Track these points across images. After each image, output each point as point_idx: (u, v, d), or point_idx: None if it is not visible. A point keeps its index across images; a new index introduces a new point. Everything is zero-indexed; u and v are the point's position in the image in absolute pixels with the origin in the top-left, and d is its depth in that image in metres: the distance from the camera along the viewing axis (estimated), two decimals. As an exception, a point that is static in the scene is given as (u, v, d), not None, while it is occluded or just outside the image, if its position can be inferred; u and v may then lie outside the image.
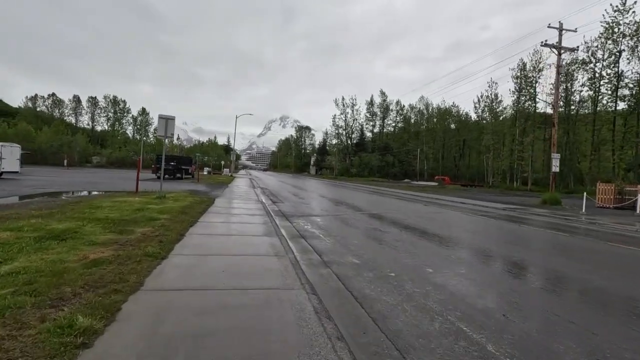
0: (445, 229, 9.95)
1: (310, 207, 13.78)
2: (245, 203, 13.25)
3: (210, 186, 22.55)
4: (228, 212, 10.30)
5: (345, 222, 10.09)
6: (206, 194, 16.26)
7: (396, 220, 11.14)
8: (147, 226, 6.56)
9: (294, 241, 6.82)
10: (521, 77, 55.34)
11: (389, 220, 11.09)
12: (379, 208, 15.03)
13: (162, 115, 11.28)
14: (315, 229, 8.65)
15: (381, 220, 10.89)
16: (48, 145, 60.98)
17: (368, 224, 10.09)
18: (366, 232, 8.64)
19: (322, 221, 10.12)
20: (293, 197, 18.54)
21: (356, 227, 9.40)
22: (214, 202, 12.37)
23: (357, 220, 10.57)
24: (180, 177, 29.44)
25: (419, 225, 10.33)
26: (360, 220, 10.63)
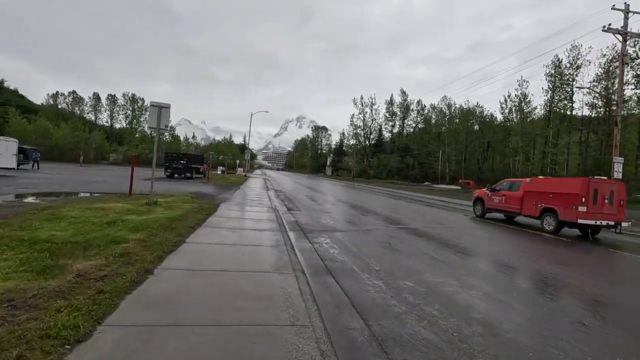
0: (528, 257, 7.45)
1: (332, 217, 11.44)
2: (256, 211, 11.03)
3: (220, 187, 20.53)
4: (231, 224, 8.09)
5: (383, 243, 7.69)
6: (212, 197, 14.16)
7: (448, 241, 8.67)
8: (99, 256, 4.37)
9: (318, 283, 4.50)
10: (555, 74, 51.41)
11: (438, 240, 8.64)
12: (414, 219, 12.56)
13: (155, 103, 9.19)
14: (345, 254, 6.31)
15: (428, 240, 8.44)
16: (65, 142, 60.88)
17: (414, 246, 7.67)
18: (419, 261, 6.23)
19: (351, 240, 7.76)
20: (310, 203, 16.25)
21: (398, 251, 6.99)
22: (217, 210, 10.20)
23: (396, 240, 8.16)
24: (190, 177, 27.66)
25: (483, 250, 7.86)
26: (401, 240, 8.21)
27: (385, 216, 12.66)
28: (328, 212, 12.72)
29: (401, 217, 12.86)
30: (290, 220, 9.98)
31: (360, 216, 12.28)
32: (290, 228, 8.54)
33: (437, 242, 8.24)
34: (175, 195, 12.72)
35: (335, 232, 8.57)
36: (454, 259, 6.58)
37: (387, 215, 12.89)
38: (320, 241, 7.35)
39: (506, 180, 14.58)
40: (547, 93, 53.02)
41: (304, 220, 10.23)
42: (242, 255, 5.35)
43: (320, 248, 6.66)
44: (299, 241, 7.08)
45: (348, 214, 12.82)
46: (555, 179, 14.86)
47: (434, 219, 13.33)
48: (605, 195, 10.72)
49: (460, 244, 8.11)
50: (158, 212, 8.14)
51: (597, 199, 10.56)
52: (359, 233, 8.77)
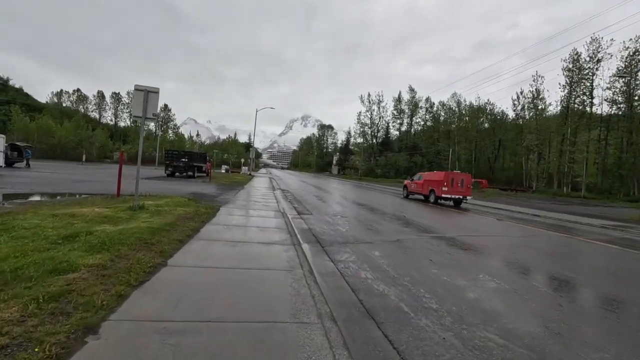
0: (603, 278, 5.79)
1: (349, 223, 9.83)
2: (261, 216, 9.45)
3: (222, 187, 19.00)
4: (231, 235, 6.52)
5: (424, 261, 6.05)
6: (212, 199, 12.61)
7: (496, 252, 7.02)
8: (16, 300, 2.79)
9: (359, 340, 2.89)
10: (574, 69, 49.16)
11: (487, 253, 7.00)
12: (443, 225, 10.91)
13: (140, 87, 7.62)
14: (381, 279, 4.69)
15: (476, 254, 6.80)
16: (68, 140, 59.96)
17: (467, 265, 6.01)
18: (486, 289, 4.59)
19: (382, 255, 6.15)
20: (322, 205, 14.65)
21: (451, 273, 5.33)
22: (216, 215, 8.63)
23: (438, 255, 6.50)
24: (192, 176, 26.20)
25: (543, 265, 6.19)
26: (445, 255, 6.55)
27: (410, 221, 11.00)
28: (343, 216, 11.10)
29: (427, 221, 11.19)
30: (302, 227, 8.38)
31: (381, 221, 10.63)
32: (304, 239, 6.95)
33: (489, 257, 6.59)
34: (170, 197, 11.19)
35: (359, 244, 6.95)
36: (520, 282, 4.94)
37: (411, 220, 11.23)
38: (344, 258, 5.74)
39: (419, 173, 23.04)
40: (564, 89, 50.81)
41: (318, 227, 8.62)
42: (243, 290, 3.74)
43: (347, 270, 5.05)
44: (317, 259, 5.48)
45: (366, 218, 11.19)
46: (433, 172, 21.46)
47: (465, 224, 11.66)
48: (458, 181, 18.49)
49: (514, 258, 6.45)
50: (141, 220, 6.58)
51: (453, 183, 18.16)
52: (389, 245, 7.14)
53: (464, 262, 6.13)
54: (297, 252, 5.65)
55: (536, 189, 54.53)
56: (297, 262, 5.07)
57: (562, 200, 36.24)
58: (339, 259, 5.70)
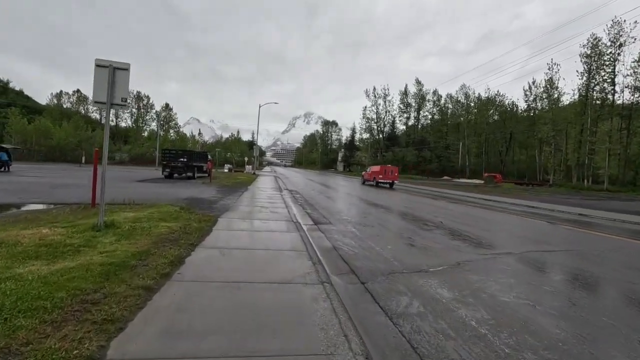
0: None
1: (382, 236, 7.77)
2: (269, 229, 7.40)
3: (224, 190, 17.01)
4: (228, 269, 4.49)
5: (542, 314, 3.97)
6: (210, 205, 10.58)
7: (607, 280, 4.93)
8: None
9: None
10: (593, 55, 46.51)
11: (597, 283, 4.91)
12: (496, 235, 8.80)
13: (102, 61, 5.60)
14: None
15: (588, 289, 4.71)
16: (66, 141, 58.36)
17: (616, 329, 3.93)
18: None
19: (461, 298, 4.06)
20: (338, 209, 12.59)
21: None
22: (212, 231, 6.61)
23: (548, 295, 4.42)
24: (192, 176, 24.23)
25: None
26: (557, 296, 4.47)
27: (453, 229, 8.91)
28: (369, 225, 9.03)
29: (473, 229, 9.09)
30: (324, 246, 6.34)
31: (420, 231, 8.54)
32: (333, 268, 4.91)
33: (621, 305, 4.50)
34: (158, 206, 9.18)
35: (412, 275, 4.89)
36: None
37: (454, 228, 9.13)
38: (403, 309, 3.68)
39: (369, 167, 34.37)
40: (582, 76, 48.19)
41: (344, 244, 6.57)
42: None
43: (423, 341, 2.99)
44: (362, 311, 3.45)
45: (399, 227, 9.11)
46: (376, 166, 31.63)
47: (523, 233, 9.55)
48: (389, 171, 28.59)
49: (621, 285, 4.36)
50: (99, 249, 4.57)
51: (386, 173, 28.35)
52: (454, 273, 5.06)
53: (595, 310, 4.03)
54: (331, 301, 3.59)
55: (553, 182, 52.05)
56: (334, 323, 3.02)
57: (588, 195, 33.85)
58: (396, 309, 3.64)
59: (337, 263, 5.30)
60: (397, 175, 29.22)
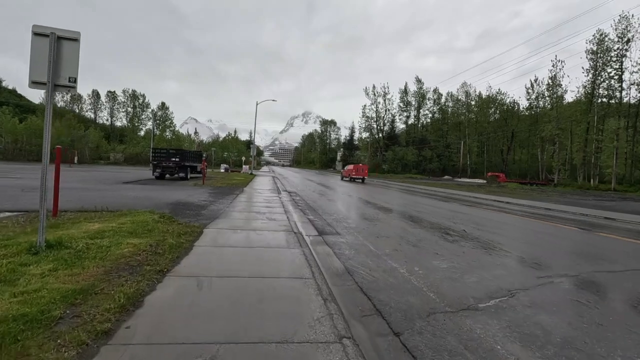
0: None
1: (403, 252, 6.44)
2: (266, 244, 6.04)
3: (217, 192, 15.63)
4: (203, 318, 3.13)
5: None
6: (197, 212, 9.20)
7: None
8: None
9: None
10: (598, 51, 45.33)
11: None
12: (535, 248, 7.47)
13: (42, 29, 4.25)
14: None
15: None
16: (58, 141, 56.65)
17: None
18: None
19: None
20: (345, 214, 11.23)
21: None
22: (192, 248, 5.25)
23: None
24: (185, 177, 22.81)
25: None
26: None
27: (481, 240, 7.58)
28: (385, 236, 7.67)
29: (503, 239, 7.76)
30: (335, 269, 4.99)
31: (444, 242, 7.20)
32: (352, 309, 3.58)
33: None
34: (135, 213, 7.80)
35: (463, 316, 3.55)
36: None
37: (482, 238, 7.80)
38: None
39: (347, 165, 41.74)
40: (587, 73, 47.04)
41: (362, 266, 5.21)
42: None
43: None
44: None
45: (419, 237, 7.76)
46: (350, 165, 39.20)
47: (566, 244, 8.22)
48: (360, 169, 36.35)
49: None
50: (19, 286, 3.19)
51: (357, 170, 36.18)
52: (517, 314, 3.70)
53: None
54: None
55: (558, 182, 50.88)
56: None
57: (598, 195, 32.62)
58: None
59: (356, 297, 3.96)
60: (366, 172, 37.80)
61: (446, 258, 5.91)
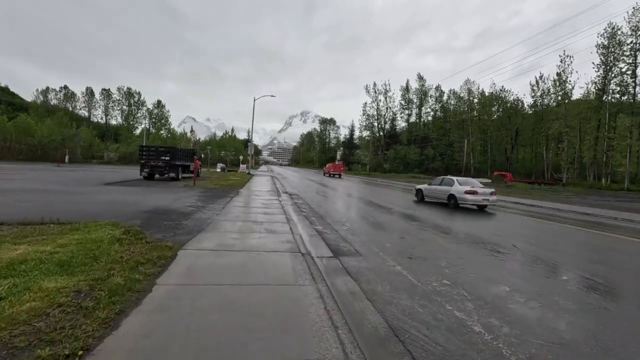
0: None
1: (480, 296, 4.61)
2: (263, 277, 4.18)
3: (208, 195, 13.76)
4: None
5: None
6: (177, 222, 7.32)
7: None
8: None
9: None
10: (610, 46, 43.55)
11: None
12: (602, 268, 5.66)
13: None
14: None
15: None
16: (49, 139, 54.64)
17: None
18: None
19: None
20: (360, 223, 9.39)
21: None
22: (151, 291, 3.40)
23: None
24: (176, 177, 20.87)
25: None
26: None
27: (546, 261, 5.76)
28: (423, 258, 5.81)
29: (563, 257, 5.96)
30: (372, 326, 3.14)
31: (505, 264, 5.37)
32: None
33: None
34: (91, 227, 5.92)
35: None
36: None
37: (546, 259, 5.98)
38: None
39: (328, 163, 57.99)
40: (598, 68, 45.21)
41: (411, 318, 3.36)
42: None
43: None
44: None
45: (468, 260, 5.92)
46: (330, 163, 56.12)
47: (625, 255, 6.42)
48: (336, 167, 49.30)
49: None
50: None
51: (335, 167, 49.00)
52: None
53: None
54: None
55: (567, 181, 49.13)
56: None
57: (616, 195, 30.87)
58: None
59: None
60: (342, 170, 48.76)
61: (528, 297, 4.07)
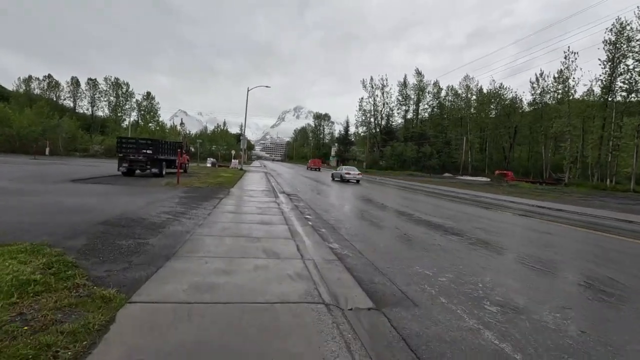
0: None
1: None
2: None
3: (192, 196, 11.61)
4: None
5: None
6: (138, 242, 5.19)
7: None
8: None
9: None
10: (617, 42, 42.19)
11: None
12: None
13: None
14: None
15: None
16: (28, 130, 51.47)
17: None
18: None
19: None
20: (393, 240, 7.39)
21: None
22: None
23: None
24: (159, 174, 18.56)
25: None
26: None
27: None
28: (511, 308, 3.88)
29: None
30: None
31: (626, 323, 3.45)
32: None
33: None
34: (13, 252, 3.77)
35: None
36: None
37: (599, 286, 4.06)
38: None
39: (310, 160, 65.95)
40: (604, 65, 43.88)
41: None
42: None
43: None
44: None
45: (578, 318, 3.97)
46: (311, 160, 65.03)
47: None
48: (315, 162, 60.97)
49: None
50: None
51: (314, 163, 59.88)
52: None
53: None
54: None
55: (569, 181, 47.92)
56: None
57: (626, 197, 29.47)
58: None
59: None
60: (320, 164, 58.34)
61: None
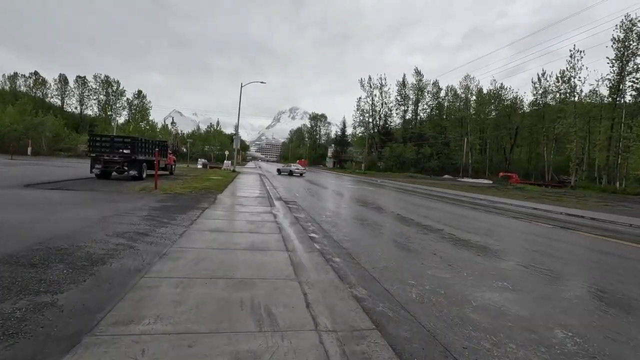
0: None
1: None
2: None
3: (167, 206, 9.37)
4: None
5: None
6: (20, 319, 2.99)
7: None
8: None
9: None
10: (627, 39, 40.64)
11: None
12: None
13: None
14: None
15: None
16: (9, 128, 48.67)
17: None
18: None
19: None
20: (435, 276, 5.22)
21: None
22: None
23: None
24: (138, 176, 16.23)
25: None
26: None
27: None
28: None
29: None
30: None
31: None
32: None
33: None
34: None
35: None
36: None
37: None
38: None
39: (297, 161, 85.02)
40: (613, 64, 42.32)
41: None
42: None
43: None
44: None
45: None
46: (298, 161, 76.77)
47: None
48: (301, 164, 59.28)
49: None
50: None
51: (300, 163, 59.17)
52: None
53: None
54: None
55: (575, 184, 46.25)
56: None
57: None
58: None
59: None
60: (305, 165, 56.04)
61: None
